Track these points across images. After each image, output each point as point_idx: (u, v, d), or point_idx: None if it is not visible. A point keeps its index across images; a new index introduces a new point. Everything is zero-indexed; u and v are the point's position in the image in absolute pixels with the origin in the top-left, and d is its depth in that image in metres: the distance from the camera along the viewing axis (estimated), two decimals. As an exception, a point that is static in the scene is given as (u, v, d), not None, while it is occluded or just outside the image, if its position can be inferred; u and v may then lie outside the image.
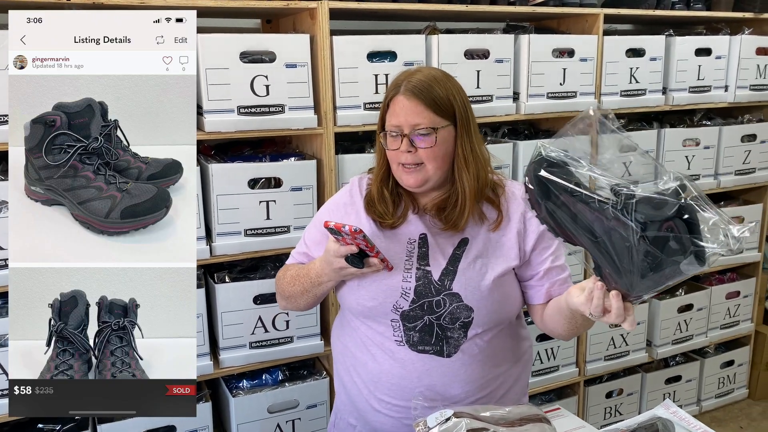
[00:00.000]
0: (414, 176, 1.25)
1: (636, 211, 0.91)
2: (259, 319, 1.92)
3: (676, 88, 2.47)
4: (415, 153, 1.23)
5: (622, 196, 0.94)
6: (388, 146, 1.26)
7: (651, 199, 0.92)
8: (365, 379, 1.32)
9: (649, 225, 0.91)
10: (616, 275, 0.98)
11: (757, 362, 3.03)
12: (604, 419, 2.67)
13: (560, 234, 1.03)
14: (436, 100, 1.23)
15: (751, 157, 2.72)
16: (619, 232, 0.93)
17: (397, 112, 1.24)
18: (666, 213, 0.89)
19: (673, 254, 0.90)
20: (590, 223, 0.96)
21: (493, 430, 1.04)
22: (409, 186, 1.27)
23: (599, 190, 0.97)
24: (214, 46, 1.73)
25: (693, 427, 1.29)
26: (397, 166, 1.27)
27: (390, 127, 1.25)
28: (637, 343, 2.63)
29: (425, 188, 1.28)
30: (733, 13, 2.60)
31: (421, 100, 1.22)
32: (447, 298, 1.25)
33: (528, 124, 2.50)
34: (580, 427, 1.28)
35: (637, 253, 0.92)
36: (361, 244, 1.15)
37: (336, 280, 1.28)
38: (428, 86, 1.23)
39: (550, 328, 1.31)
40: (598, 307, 1.03)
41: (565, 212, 0.99)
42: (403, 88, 1.24)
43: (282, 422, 1.99)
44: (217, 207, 1.81)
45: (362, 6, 1.94)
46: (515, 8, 2.15)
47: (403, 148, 1.23)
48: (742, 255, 2.82)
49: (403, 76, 1.26)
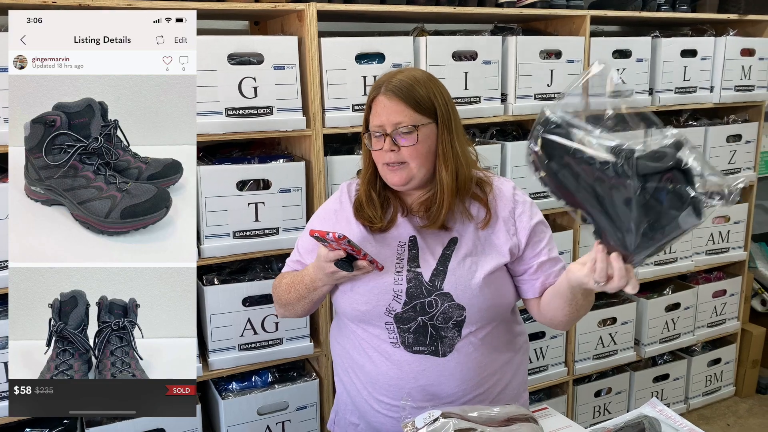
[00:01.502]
0: (398, 175, 1.26)
1: (636, 166, 0.93)
2: (249, 321, 1.92)
3: (663, 88, 2.49)
4: (399, 152, 1.25)
5: (623, 154, 0.95)
6: (372, 147, 1.28)
7: (650, 154, 0.94)
8: (364, 380, 1.33)
9: (649, 178, 0.93)
10: (617, 235, 0.99)
11: (744, 360, 3.06)
12: (593, 418, 2.69)
13: (561, 196, 1.04)
14: (417, 99, 1.25)
15: (737, 157, 2.75)
16: (620, 189, 0.95)
17: (378, 112, 1.25)
18: (665, 164, 0.91)
19: (673, 205, 0.92)
20: (592, 182, 0.97)
21: (480, 430, 1.05)
22: (395, 184, 1.28)
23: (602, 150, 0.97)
24: (202, 48, 1.72)
25: (679, 425, 1.30)
26: (383, 165, 1.28)
27: (373, 127, 1.27)
28: (625, 342, 2.65)
29: (410, 186, 1.29)
30: (718, 14, 2.62)
31: (401, 99, 1.24)
32: (438, 298, 1.26)
33: (516, 125, 2.51)
34: (568, 427, 1.29)
35: (638, 208, 0.94)
36: (348, 249, 1.17)
37: (330, 284, 1.29)
38: (409, 86, 1.25)
39: (549, 317, 1.31)
40: (602, 271, 1.02)
41: (568, 173, 0.99)
42: (384, 88, 1.26)
43: (272, 424, 1.99)
44: (206, 209, 1.80)
45: (350, 8, 1.94)
46: (503, 10, 2.16)
47: (386, 147, 1.25)
48: (729, 254, 2.85)
49: (385, 77, 1.28)
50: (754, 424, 2.88)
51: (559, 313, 1.27)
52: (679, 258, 2.68)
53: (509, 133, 2.45)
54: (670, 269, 2.67)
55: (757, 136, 2.80)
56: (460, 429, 1.04)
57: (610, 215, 0.98)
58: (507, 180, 1.40)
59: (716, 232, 2.79)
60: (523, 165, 2.23)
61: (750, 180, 2.84)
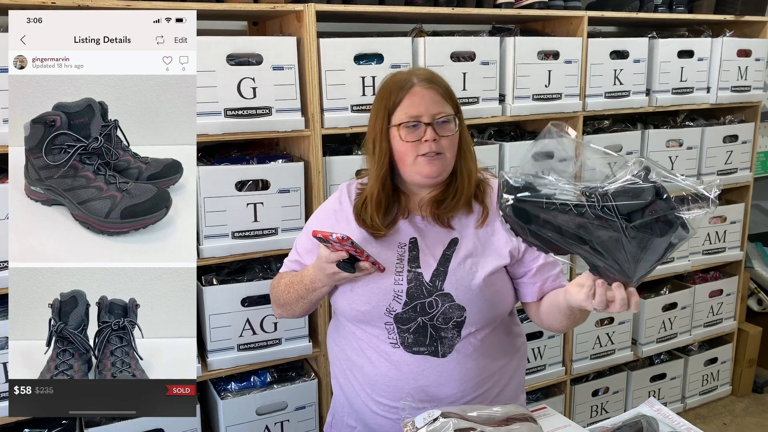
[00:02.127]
0: (436, 165, 1.25)
1: (616, 205, 0.93)
2: (247, 321, 1.92)
3: (660, 89, 2.50)
4: (438, 142, 1.24)
5: (596, 195, 0.95)
6: (406, 138, 1.25)
7: (625, 190, 0.95)
8: (362, 382, 1.32)
9: (633, 214, 0.94)
10: (614, 270, 1.01)
11: (740, 359, 3.07)
12: (591, 417, 2.69)
13: (549, 249, 1.04)
14: (449, 93, 1.29)
15: (733, 157, 2.76)
16: (605, 229, 0.95)
17: (416, 103, 1.25)
18: (646, 198, 0.92)
19: (664, 233, 0.93)
20: (576, 230, 0.98)
21: (480, 429, 1.05)
22: (429, 176, 1.26)
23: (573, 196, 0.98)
24: (201, 48, 1.72)
25: (676, 424, 1.31)
26: (417, 157, 1.25)
27: (407, 118, 1.25)
28: (622, 341, 2.66)
29: (441, 179, 1.29)
30: (715, 15, 2.63)
31: (438, 89, 1.27)
32: (439, 298, 1.26)
33: (514, 126, 2.52)
34: (566, 426, 1.30)
35: (630, 243, 0.95)
36: (350, 250, 1.17)
37: (330, 285, 1.29)
38: (442, 80, 1.29)
39: (547, 324, 1.33)
40: (602, 303, 1.04)
41: (550, 229, 1.00)
42: (417, 79, 1.27)
43: (270, 424, 1.99)
44: (205, 209, 1.80)
45: (349, 9, 1.95)
46: (501, 11, 2.17)
47: (429, 136, 1.23)
48: (725, 254, 2.86)
49: (404, 73, 1.29)
50: (750, 423, 2.89)
51: (556, 324, 1.29)
52: (676, 258, 2.69)
53: (507, 133, 2.46)
54: (667, 269, 2.68)
55: (753, 137, 2.81)
56: (459, 429, 1.04)
57: (603, 254, 0.99)
58: None
59: (713, 232, 2.80)
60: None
61: (746, 180, 2.85)
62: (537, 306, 1.34)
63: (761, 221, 3.45)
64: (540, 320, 1.34)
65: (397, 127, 1.26)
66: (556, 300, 1.25)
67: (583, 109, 2.34)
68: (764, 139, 3.26)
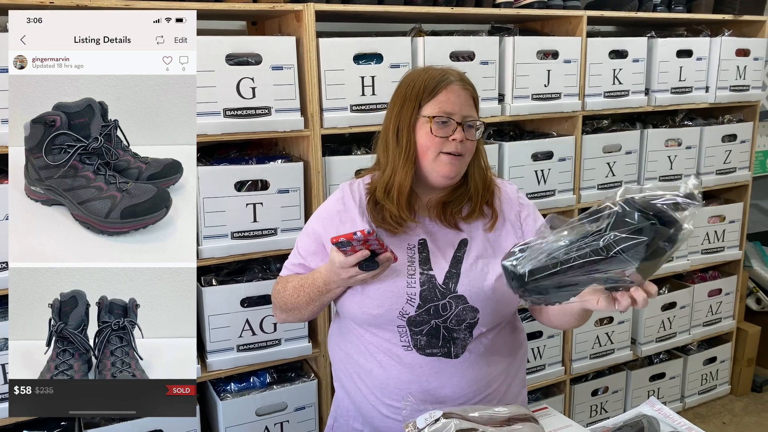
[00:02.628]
0: (456, 167, 1.25)
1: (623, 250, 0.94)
2: (247, 321, 1.91)
3: (659, 89, 2.50)
4: (464, 143, 1.25)
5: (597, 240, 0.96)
6: (436, 132, 1.24)
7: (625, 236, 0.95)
8: (371, 386, 1.30)
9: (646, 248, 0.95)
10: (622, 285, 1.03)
11: (739, 358, 3.07)
12: (590, 417, 2.70)
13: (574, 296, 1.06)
14: (476, 97, 1.29)
15: (732, 156, 2.77)
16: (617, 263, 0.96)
17: (452, 100, 1.24)
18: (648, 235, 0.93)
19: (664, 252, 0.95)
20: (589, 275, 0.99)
21: (482, 430, 1.05)
22: (447, 176, 1.25)
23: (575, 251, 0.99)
24: (200, 48, 1.70)
25: (677, 423, 1.31)
26: (440, 154, 1.24)
27: (440, 112, 1.24)
28: (621, 341, 2.67)
29: (454, 181, 1.29)
30: (713, 15, 2.64)
31: (471, 93, 1.28)
32: (453, 300, 1.25)
33: (513, 126, 2.52)
34: (568, 426, 1.30)
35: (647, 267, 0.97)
36: (374, 245, 1.13)
37: (345, 286, 1.26)
38: (471, 81, 1.29)
39: (556, 324, 1.34)
40: (626, 306, 1.04)
41: (570, 288, 1.01)
42: (455, 77, 1.27)
43: (270, 425, 1.99)
44: (204, 210, 1.80)
45: (348, 8, 1.94)
46: (500, 10, 2.17)
47: (459, 136, 1.23)
48: (724, 253, 2.87)
49: (441, 69, 1.29)
50: (749, 422, 2.89)
51: (566, 324, 1.30)
52: (675, 257, 2.70)
53: (506, 133, 2.46)
54: (666, 268, 2.68)
55: (752, 136, 2.81)
56: (461, 429, 1.04)
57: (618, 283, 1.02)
58: (509, 183, 1.41)
59: (711, 231, 2.80)
60: (521, 165, 2.24)
61: (745, 179, 2.85)
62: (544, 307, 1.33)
63: (760, 220, 3.45)
64: (548, 320, 1.34)
65: (429, 119, 1.24)
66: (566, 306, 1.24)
67: (582, 108, 2.34)
68: (763, 138, 3.27)
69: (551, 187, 2.32)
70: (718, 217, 2.82)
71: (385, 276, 1.23)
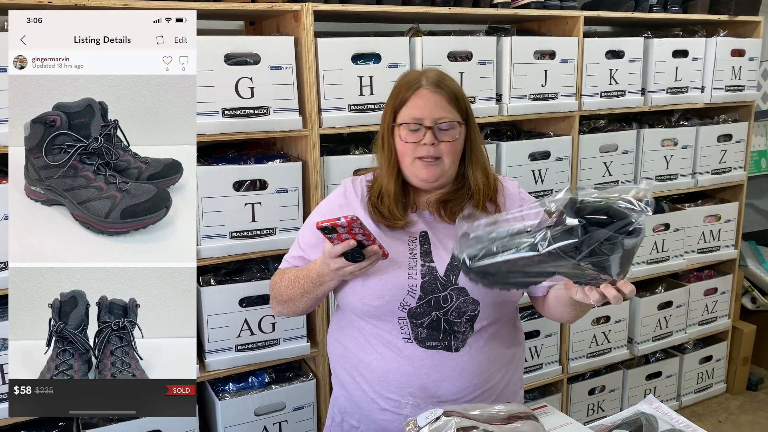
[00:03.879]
0: (432, 170, 1.27)
1: (560, 248, 0.99)
2: (245, 321, 1.92)
3: (655, 89, 2.52)
4: (437, 146, 1.25)
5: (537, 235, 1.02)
6: (405, 138, 1.26)
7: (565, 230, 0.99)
8: (370, 379, 1.31)
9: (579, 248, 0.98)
10: (593, 280, 1.06)
11: (735, 357, 3.09)
12: (587, 416, 2.71)
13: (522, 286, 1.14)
14: (456, 95, 1.28)
15: (727, 156, 2.78)
16: (565, 261, 1.01)
17: (420, 105, 1.26)
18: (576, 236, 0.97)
19: (614, 249, 0.98)
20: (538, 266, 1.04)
21: (482, 428, 1.06)
22: (425, 180, 1.28)
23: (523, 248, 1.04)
24: (199, 48, 1.69)
25: (675, 421, 1.32)
26: (413, 160, 1.27)
27: (409, 119, 1.26)
28: (618, 340, 2.68)
29: (438, 183, 1.30)
30: (709, 15, 2.65)
31: (444, 94, 1.26)
32: (454, 292, 1.26)
33: (510, 125, 2.53)
34: (567, 424, 1.30)
35: (590, 266, 1.00)
36: (359, 234, 1.13)
37: (337, 279, 1.27)
38: (453, 86, 1.28)
39: (556, 316, 1.35)
40: (598, 301, 1.08)
41: (517, 276, 1.07)
42: (425, 81, 1.27)
43: (269, 425, 1.99)
44: (203, 209, 1.80)
45: (346, 8, 1.95)
46: (497, 11, 2.17)
47: (427, 140, 1.25)
48: (719, 252, 2.88)
49: (416, 73, 1.30)
50: (744, 420, 2.91)
51: (565, 315, 1.31)
52: (671, 257, 2.71)
53: (504, 133, 2.47)
54: (662, 268, 2.70)
55: (747, 136, 2.83)
56: (462, 427, 1.05)
57: (574, 277, 1.07)
58: (510, 179, 1.42)
59: (707, 231, 2.82)
60: (519, 165, 2.25)
61: (740, 179, 2.87)
62: (544, 299, 1.36)
63: (755, 220, 3.47)
64: (549, 312, 1.36)
65: (398, 126, 1.28)
66: (559, 294, 1.27)
67: (579, 108, 2.35)
68: (758, 138, 3.29)
69: (548, 187, 2.33)
70: (714, 217, 2.84)
71: (387, 268, 1.25)
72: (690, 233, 2.76)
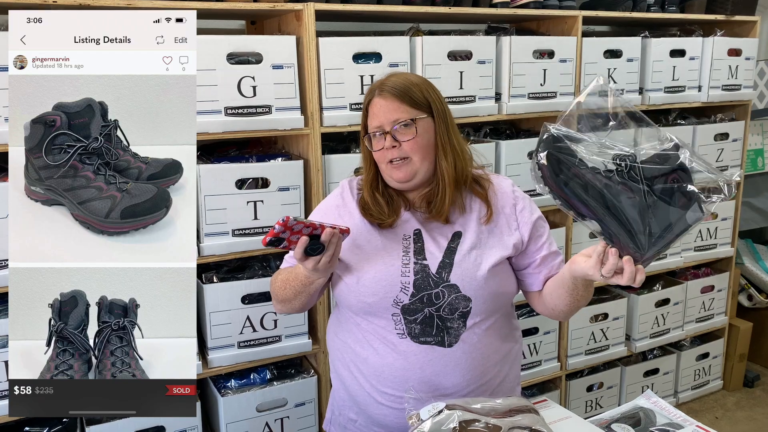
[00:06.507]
0: (403, 171, 1.29)
1: (642, 168, 0.99)
2: (247, 318, 1.93)
3: (652, 88, 2.54)
4: (400, 147, 1.28)
5: (627, 161, 1.01)
6: (373, 147, 1.31)
7: (652, 158, 1.00)
8: (367, 373, 1.34)
9: (656, 180, 0.99)
10: (628, 238, 1.05)
11: (731, 354, 3.12)
12: (585, 412, 2.73)
13: (571, 206, 1.09)
14: (412, 96, 1.29)
15: (724, 155, 2.81)
16: (628, 193, 1.01)
17: (376, 113, 1.29)
18: (670, 166, 0.97)
19: (681, 203, 0.99)
20: (600, 189, 1.03)
21: (484, 421, 1.07)
22: (399, 181, 1.31)
23: (606, 159, 1.03)
24: (201, 47, 1.73)
25: (673, 415, 1.34)
26: (386, 165, 1.31)
27: (372, 129, 1.30)
28: (616, 337, 2.70)
29: (414, 182, 1.32)
30: (706, 15, 2.67)
31: (396, 97, 1.28)
32: (445, 289, 1.28)
33: (509, 124, 2.55)
34: (567, 417, 1.32)
35: (648, 209, 1.00)
36: (303, 229, 1.14)
37: (322, 277, 1.29)
38: (402, 85, 1.30)
39: (551, 306, 1.35)
40: (610, 270, 1.09)
41: (577, 184, 1.05)
42: (378, 90, 1.30)
43: (270, 421, 2.00)
44: (205, 207, 1.81)
45: (347, 8, 1.96)
46: (497, 10, 2.19)
47: (387, 144, 1.28)
48: (716, 250, 2.90)
49: (378, 81, 1.33)
50: (741, 416, 2.93)
51: (560, 303, 1.31)
52: (669, 254, 2.73)
53: (503, 131, 2.49)
54: (659, 265, 2.72)
55: (743, 135, 2.85)
56: (464, 420, 1.06)
57: (620, 220, 1.04)
58: (505, 177, 1.44)
59: (704, 229, 2.84)
60: (518, 163, 2.26)
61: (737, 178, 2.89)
62: (539, 294, 1.38)
63: (751, 218, 3.49)
64: (543, 305, 1.38)
65: (368, 137, 1.32)
66: (559, 277, 1.29)
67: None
68: (754, 136, 3.31)
69: (547, 185, 2.34)
70: (711, 215, 2.86)
71: (381, 265, 1.28)
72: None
